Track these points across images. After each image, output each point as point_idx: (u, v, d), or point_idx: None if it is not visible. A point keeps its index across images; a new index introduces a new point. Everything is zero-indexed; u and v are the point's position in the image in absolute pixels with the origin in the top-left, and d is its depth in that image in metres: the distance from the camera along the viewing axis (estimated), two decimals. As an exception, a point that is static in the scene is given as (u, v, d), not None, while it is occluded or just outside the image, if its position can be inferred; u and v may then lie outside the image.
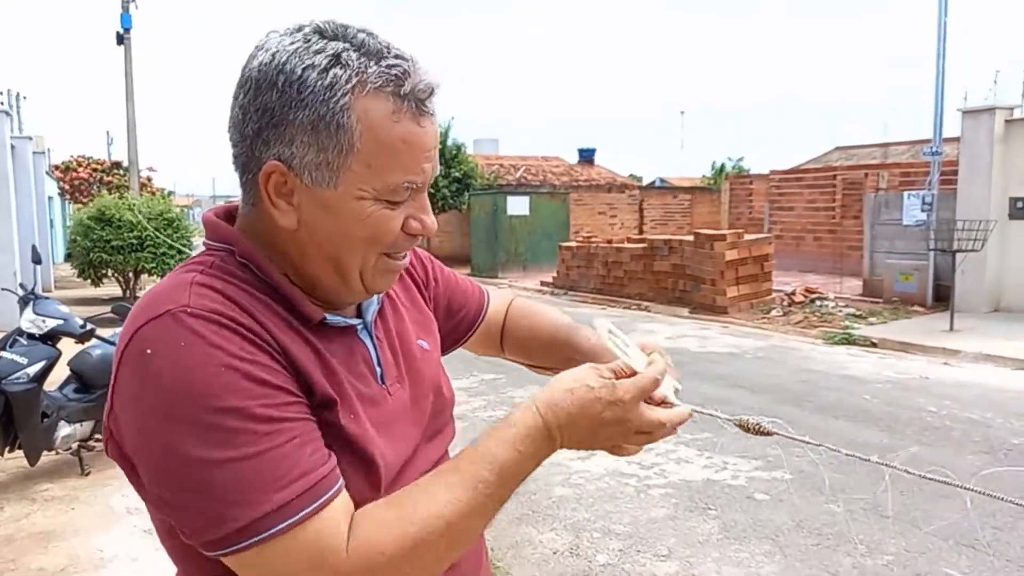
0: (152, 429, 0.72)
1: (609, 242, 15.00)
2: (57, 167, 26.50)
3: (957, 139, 10.90)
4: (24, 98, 26.62)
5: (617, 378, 0.83)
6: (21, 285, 4.88)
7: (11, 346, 4.36)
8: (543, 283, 16.06)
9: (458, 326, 1.17)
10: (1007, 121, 10.38)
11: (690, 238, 12.20)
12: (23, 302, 4.60)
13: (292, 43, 0.78)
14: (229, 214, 0.90)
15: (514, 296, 1.30)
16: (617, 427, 0.81)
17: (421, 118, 0.79)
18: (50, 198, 21.36)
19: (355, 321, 0.90)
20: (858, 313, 10.37)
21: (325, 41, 0.78)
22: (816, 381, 7.00)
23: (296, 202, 0.80)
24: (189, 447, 0.70)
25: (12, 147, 11.16)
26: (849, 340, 8.99)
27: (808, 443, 0.92)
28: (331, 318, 0.86)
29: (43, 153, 19.79)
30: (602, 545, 3.73)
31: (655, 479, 4.59)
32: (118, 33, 18.39)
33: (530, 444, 0.79)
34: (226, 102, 0.87)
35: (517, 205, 18.92)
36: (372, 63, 0.77)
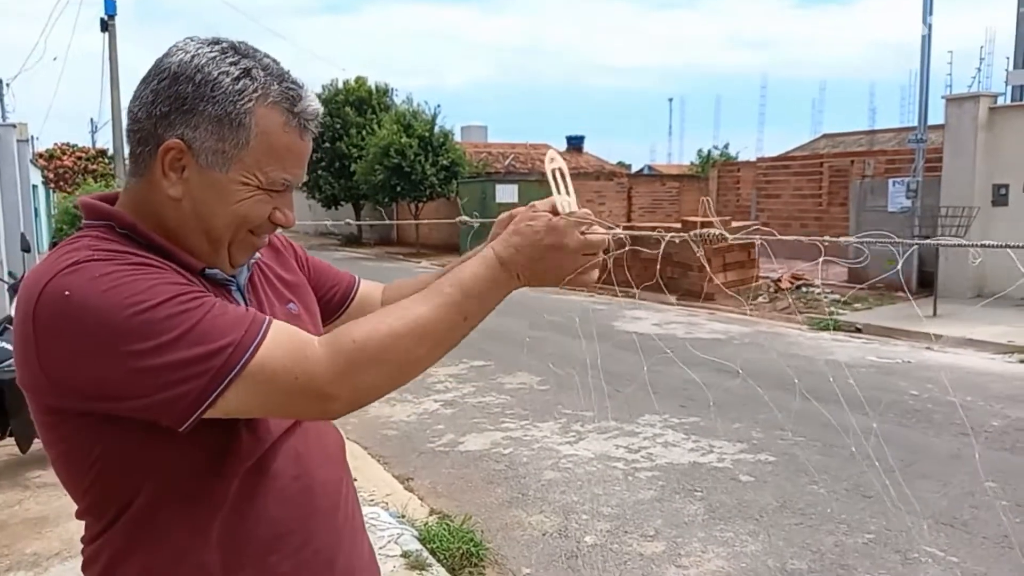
0: (99, 346, 0.83)
1: (597, 229, 15.01)
2: (41, 155, 26.25)
3: (942, 126, 10.99)
4: (7, 85, 26.30)
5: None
6: (10, 273, 4.89)
7: (1, 334, 4.37)
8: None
9: (331, 300, 1.33)
10: (991, 108, 10.49)
11: (677, 225, 12.26)
12: (12, 290, 4.60)
13: (211, 51, 0.94)
14: (106, 199, 1.02)
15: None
16: (557, 252, 0.97)
17: (303, 134, 0.98)
18: (35, 187, 21.11)
19: (231, 279, 1.04)
20: (843, 299, 10.49)
21: (239, 56, 0.95)
22: (801, 366, 7.09)
23: (186, 176, 0.95)
24: (141, 341, 0.82)
25: (-3, 135, 11.06)
26: (834, 326, 9.10)
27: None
28: (209, 270, 1.00)
29: (27, 141, 19.58)
30: (590, 527, 3.79)
31: (642, 463, 4.66)
32: (102, 19, 18.20)
33: (485, 268, 0.96)
34: None
35: (506, 193, 18.94)
36: (275, 83, 0.95)
